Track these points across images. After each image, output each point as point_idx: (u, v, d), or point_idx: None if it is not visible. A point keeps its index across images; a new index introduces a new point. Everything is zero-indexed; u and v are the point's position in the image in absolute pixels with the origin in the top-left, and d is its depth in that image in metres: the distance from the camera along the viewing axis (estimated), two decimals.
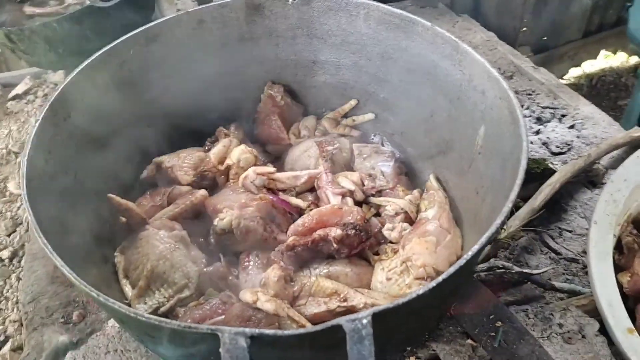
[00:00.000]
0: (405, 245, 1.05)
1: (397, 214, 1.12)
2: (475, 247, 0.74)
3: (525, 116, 1.62)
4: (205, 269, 1.05)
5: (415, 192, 1.18)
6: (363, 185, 1.17)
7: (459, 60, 1.07)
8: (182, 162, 1.19)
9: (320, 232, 1.05)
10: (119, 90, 1.13)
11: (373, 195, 1.17)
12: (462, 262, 0.73)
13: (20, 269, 1.44)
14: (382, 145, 1.33)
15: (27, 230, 1.52)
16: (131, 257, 1.06)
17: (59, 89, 0.99)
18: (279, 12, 1.23)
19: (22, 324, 1.21)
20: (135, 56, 1.13)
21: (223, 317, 0.97)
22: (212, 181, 1.19)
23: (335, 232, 1.03)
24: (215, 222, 1.07)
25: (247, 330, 0.67)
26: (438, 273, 1.04)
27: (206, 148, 1.26)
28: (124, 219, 1.10)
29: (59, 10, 1.78)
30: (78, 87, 1.03)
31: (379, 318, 0.68)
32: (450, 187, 1.18)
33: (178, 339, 0.74)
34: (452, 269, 0.74)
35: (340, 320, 0.68)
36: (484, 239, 0.76)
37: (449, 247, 1.04)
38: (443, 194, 1.15)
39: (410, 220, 1.13)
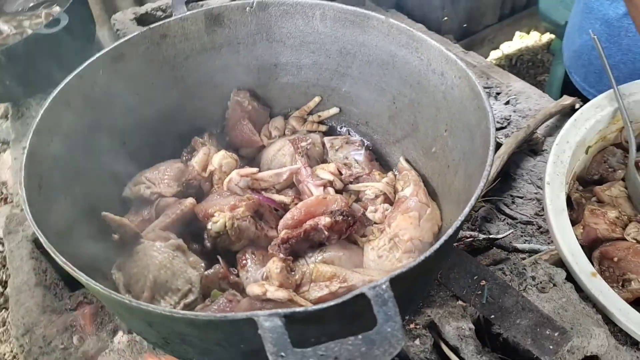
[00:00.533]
0: (390, 224, 1.13)
1: (377, 196, 1.20)
2: (468, 208, 0.82)
3: None
4: (205, 272, 1.09)
5: (390, 174, 1.26)
6: (341, 174, 1.24)
7: (416, 48, 1.16)
8: (163, 175, 1.22)
9: (310, 222, 1.11)
10: (93, 110, 1.14)
11: (351, 182, 1.24)
12: (459, 221, 0.81)
13: None
14: (349, 135, 1.41)
15: (4, 266, 1.48)
16: (130, 272, 1.08)
17: (39, 115, 1.00)
18: (237, 20, 1.27)
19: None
20: (104, 76, 1.15)
21: (233, 314, 1.01)
22: (197, 189, 1.22)
23: (324, 220, 1.10)
24: (209, 226, 1.10)
25: (280, 310, 0.73)
26: (424, 244, 1.13)
27: (184, 159, 1.29)
28: (116, 236, 1.11)
29: None
30: (56, 112, 1.04)
31: (394, 283, 0.75)
32: (420, 166, 1.27)
33: (211, 330, 0.78)
34: (450, 230, 0.82)
35: (363, 289, 0.74)
36: (472, 200, 0.85)
37: (430, 219, 1.13)
38: (415, 173, 1.24)
39: (390, 201, 1.21)
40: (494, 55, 3.80)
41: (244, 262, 1.11)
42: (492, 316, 1.09)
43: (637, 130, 1.47)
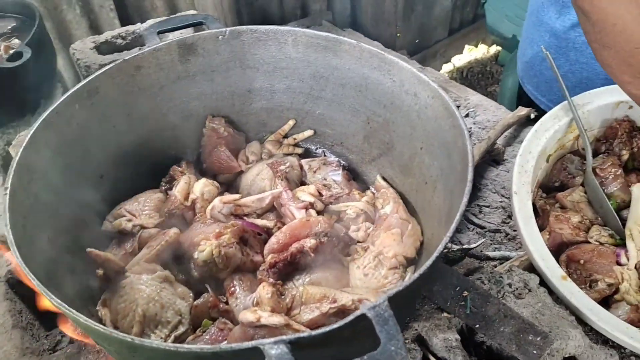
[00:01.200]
0: (374, 242, 1.16)
1: (358, 215, 1.23)
2: (455, 224, 0.86)
3: None
4: (195, 302, 1.08)
5: (369, 192, 1.29)
6: (321, 195, 1.26)
7: (388, 70, 1.21)
8: (143, 206, 1.21)
9: (296, 245, 1.13)
10: (70, 146, 1.12)
11: (332, 203, 1.27)
12: (447, 237, 0.85)
13: None
14: (325, 156, 1.43)
15: None
16: (117, 307, 1.06)
17: (18, 154, 0.98)
18: (211, 48, 1.29)
19: None
20: (81, 110, 1.14)
21: (225, 342, 1.01)
22: (180, 218, 1.21)
23: (310, 242, 1.12)
24: (196, 255, 1.10)
25: (285, 337, 0.74)
26: (408, 260, 1.16)
27: (162, 188, 1.29)
28: (100, 272, 1.09)
29: None
30: (34, 150, 1.02)
31: (392, 301, 0.78)
32: (397, 184, 1.31)
33: None
34: (440, 246, 0.85)
35: (363, 310, 0.77)
36: (457, 216, 0.89)
37: (412, 235, 1.17)
38: (393, 190, 1.28)
39: (371, 220, 1.24)
40: (446, 68, 3.92)
41: (233, 289, 1.12)
42: (477, 325, 1.13)
43: (591, 138, 1.56)
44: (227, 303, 1.11)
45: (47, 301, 0.98)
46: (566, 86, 1.65)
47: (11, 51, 1.68)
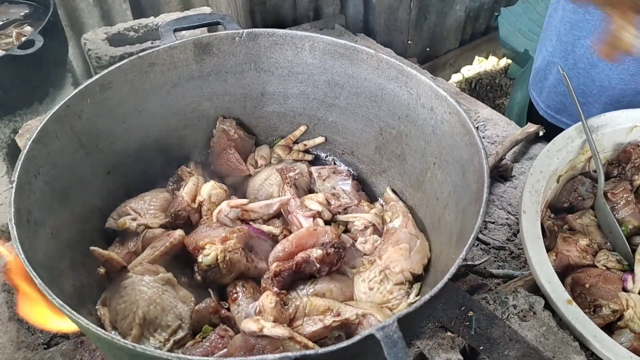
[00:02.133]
0: (381, 255, 1.14)
1: (366, 227, 1.21)
2: (468, 246, 0.84)
3: None
4: (196, 307, 1.06)
5: (377, 204, 1.28)
6: (329, 205, 1.24)
7: (405, 82, 1.19)
8: (149, 206, 1.19)
9: (302, 254, 1.11)
10: (79, 140, 1.11)
11: (339, 213, 1.25)
12: (461, 258, 0.83)
13: None
14: (335, 164, 1.42)
15: None
16: (117, 308, 1.04)
17: (27, 147, 0.96)
18: (226, 49, 1.27)
19: None
20: (92, 105, 1.12)
21: (225, 350, 0.99)
22: (186, 220, 1.20)
23: (316, 252, 1.10)
24: (200, 259, 1.08)
25: (291, 354, 0.72)
26: (414, 276, 1.14)
27: (169, 188, 1.27)
28: (102, 270, 1.07)
29: None
30: (43, 142, 1.01)
31: (401, 322, 0.76)
32: (407, 197, 1.29)
33: None
34: (453, 268, 0.83)
35: (372, 330, 0.75)
36: (471, 238, 0.87)
37: (420, 251, 1.15)
38: (403, 204, 1.26)
39: (378, 232, 1.23)
40: (455, 78, 3.91)
41: (235, 295, 1.10)
42: (481, 347, 1.12)
43: (603, 160, 1.55)
44: (228, 309, 1.09)
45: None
46: (563, 92, 1.63)
47: (23, 38, 1.66)
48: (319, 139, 1.42)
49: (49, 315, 1.05)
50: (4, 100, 1.63)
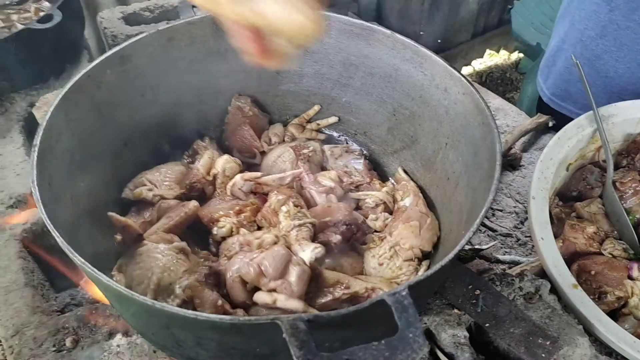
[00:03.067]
0: (392, 232, 1.16)
1: (377, 205, 1.23)
2: (483, 211, 0.86)
3: None
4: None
5: (389, 184, 1.29)
6: (341, 182, 1.26)
7: (420, 63, 1.20)
8: (164, 177, 1.21)
9: (322, 237, 1.12)
10: (98, 110, 1.13)
11: (351, 190, 1.27)
12: (471, 231, 0.85)
13: None
14: (347, 144, 1.43)
15: None
16: (132, 273, 1.07)
17: (50, 112, 0.99)
18: None
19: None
20: (111, 76, 1.14)
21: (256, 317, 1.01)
22: (200, 192, 1.22)
23: (336, 238, 1.11)
24: (215, 230, 1.11)
25: (304, 315, 0.74)
26: (423, 253, 1.16)
27: (185, 161, 1.29)
28: (118, 237, 1.10)
29: None
30: (65, 110, 1.03)
31: (411, 290, 0.78)
32: (418, 177, 1.31)
33: (232, 334, 0.78)
34: (463, 240, 0.85)
35: (383, 296, 0.77)
36: (482, 212, 0.89)
37: (430, 229, 1.17)
38: (414, 184, 1.28)
39: (389, 210, 1.25)
40: (466, 71, 3.91)
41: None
42: (487, 324, 1.13)
43: (613, 150, 1.55)
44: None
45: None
46: (569, 80, 1.62)
47: (41, 13, 1.68)
48: (332, 119, 1.43)
49: None
50: (25, 74, 1.65)
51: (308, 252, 1.02)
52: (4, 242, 1.33)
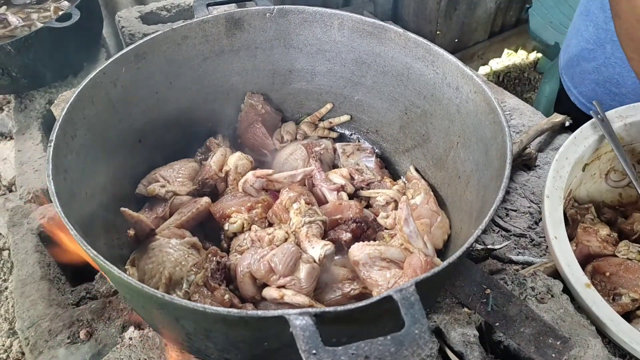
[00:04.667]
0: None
1: (387, 203, 1.23)
2: (492, 209, 0.86)
3: None
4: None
5: (400, 182, 1.30)
6: (353, 179, 1.27)
7: (432, 61, 1.20)
8: (177, 174, 1.23)
9: (332, 234, 1.13)
10: (113, 107, 1.15)
11: (362, 188, 1.27)
12: (480, 229, 0.85)
13: None
14: (359, 142, 1.44)
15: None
16: (145, 268, 1.09)
17: (65, 109, 1.01)
18: (257, 25, 1.30)
19: (23, 353, 1.19)
20: (127, 73, 1.16)
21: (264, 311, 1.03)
22: (213, 188, 1.23)
23: (347, 236, 1.12)
24: (226, 226, 1.12)
25: (311, 310, 0.75)
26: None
27: (197, 158, 1.31)
28: (131, 232, 1.12)
29: (5, 34, 1.72)
30: (80, 106, 1.05)
31: (418, 286, 0.78)
32: (429, 176, 1.31)
33: (240, 327, 0.79)
34: (471, 238, 0.85)
35: (390, 292, 0.77)
36: (492, 210, 0.88)
37: (441, 227, 1.17)
38: (425, 182, 1.27)
39: None
40: (483, 70, 3.88)
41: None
42: (497, 324, 1.13)
43: (634, 150, 1.53)
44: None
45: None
46: (597, 80, 1.57)
47: (60, 12, 1.72)
48: (345, 117, 1.44)
49: None
50: (43, 72, 1.68)
51: (317, 249, 1.03)
52: (22, 237, 1.36)
